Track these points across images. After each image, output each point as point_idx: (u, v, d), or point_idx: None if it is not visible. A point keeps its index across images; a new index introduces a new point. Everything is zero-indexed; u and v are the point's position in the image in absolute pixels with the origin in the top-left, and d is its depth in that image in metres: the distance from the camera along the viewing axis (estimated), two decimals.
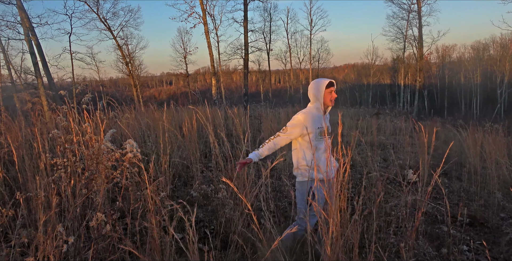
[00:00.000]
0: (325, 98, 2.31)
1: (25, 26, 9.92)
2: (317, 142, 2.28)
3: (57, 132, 2.24)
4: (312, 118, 2.28)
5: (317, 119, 2.30)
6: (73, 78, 19.80)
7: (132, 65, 23.09)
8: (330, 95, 2.31)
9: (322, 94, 2.29)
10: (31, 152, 3.00)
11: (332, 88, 2.31)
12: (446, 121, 14.17)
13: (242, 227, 2.46)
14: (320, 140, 2.29)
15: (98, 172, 2.02)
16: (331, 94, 2.31)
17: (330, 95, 2.31)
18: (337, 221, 1.65)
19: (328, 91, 2.30)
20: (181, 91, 44.95)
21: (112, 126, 4.33)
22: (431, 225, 3.09)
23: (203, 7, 14.76)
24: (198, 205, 3.24)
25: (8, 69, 15.60)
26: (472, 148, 4.50)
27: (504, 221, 3.21)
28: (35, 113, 3.70)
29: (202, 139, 5.52)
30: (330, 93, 2.31)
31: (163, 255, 1.80)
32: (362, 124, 9.03)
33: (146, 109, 7.45)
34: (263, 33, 29.15)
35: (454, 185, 4.26)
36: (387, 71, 37.79)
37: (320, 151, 2.29)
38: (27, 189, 2.59)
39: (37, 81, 10.04)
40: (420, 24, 20.38)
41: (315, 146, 2.26)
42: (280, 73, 48.69)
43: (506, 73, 28.67)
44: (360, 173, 4.66)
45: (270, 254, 1.79)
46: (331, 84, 2.31)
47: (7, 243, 2.04)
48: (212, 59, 15.31)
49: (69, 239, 1.57)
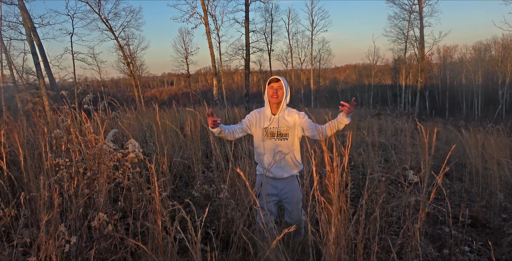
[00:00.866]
0: (267, 94, 2.28)
1: (27, 26, 9.94)
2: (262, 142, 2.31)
3: (59, 131, 2.25)
4: (256, 117, 2.34)
5: (263, 119, 2.32)
6: (74, 79, 19.86)
7: (134, 66, 23.14)
8: (271, 90, 2.25)
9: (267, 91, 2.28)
10: (33, 152, 3.01)
11: (273, 84, 2.24)
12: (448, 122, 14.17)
13: (243, 227, 2.46)
14: (266, 140, 2.29)
15: (100, 172, 2.03)
16: (271, 89, 2.25)
17: (270, 91, 2.25)
18: (339, 221, 1.65)
19: (269, 87, 2.26)
20: (182, 91, 45.02)
21: (114, 126, 4.34)
22: (433, 226, 3.08)
23: (204, 8, 14.79)
24: (200, 205, 3.24)
25: (10, 69, 15.63)
26: (474, 148, 4.49)
27: (506, 222, 3.20)
28: (36, 113, 3.72)
29: (204, 139, 5.52)
30: (270, 89, 2.26)
31: (166, 255, 1.80)
32: (363, 125, 9.03)
33: (147, 109, 7.47)
34: (264, 34, 29.14)
35: (456, 186, 4.26)
36: (388, 72, 37.78)
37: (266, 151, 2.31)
38: (29, 188, 2.60)
39: (39, 82, 10.07)
40: (422, 25, 20.35)
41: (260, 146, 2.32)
42: (281, 73, 48.65)
43: (508, 74, 28.63)
44: (362, 173, 4.65)
45: (271, 254, 1.79)
46: (272, 80, 2.25)
47: (9, 242, 2.04)
48: (213, 60, 15.33)
49: (71, 239, 1.58)
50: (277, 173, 2.29)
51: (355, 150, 6.07)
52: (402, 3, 22.58)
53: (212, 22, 22.22)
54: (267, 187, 2.31)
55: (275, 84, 2.23)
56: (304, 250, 2.24)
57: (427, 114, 23.75)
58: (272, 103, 2.28)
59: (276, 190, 2.33)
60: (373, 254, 1.74)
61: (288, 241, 2.28)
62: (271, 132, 2.27)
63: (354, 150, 6.05)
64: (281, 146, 2.27)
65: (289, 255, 2.02)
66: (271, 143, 2.28)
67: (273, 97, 2.23)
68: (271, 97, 2.23)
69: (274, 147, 2.27)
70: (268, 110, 2.31)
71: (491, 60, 32.92)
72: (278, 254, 1.82)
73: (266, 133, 2.28)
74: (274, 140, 2.27)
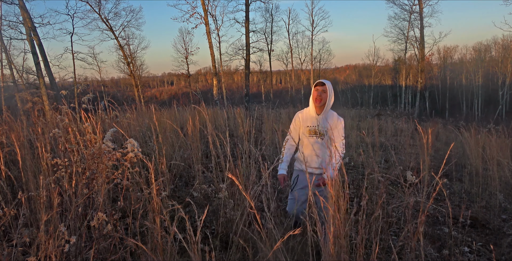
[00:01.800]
0: (312, 96, 2.47)
1: (27, 26, 9.94)
2: (306, 139, 2.54)
3: (58, 131, 2.24)
4: (302, 117, 2.56)
5: (307, 118, 2.54)
6: (74, 78, 19.85)
7: (134, 66, 23.14)
8: (316, 92, 2.44)
9: (312, 93, 2.48)
10: (33, 151, 3.00)
11: (318, 87, 2.42)
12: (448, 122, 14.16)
13: (242, 228, 2.46)
14: (309, 137, 2.51)
15: (99, 172, 2.02)
16: (316, 92, 2.43)
17: (315, 93, 2.44)
18: (338, 221, 1.65)
19: (315, 90, 2.45)
20: (182, 91, 45.02)
21: (113, 126, 4.33)
22: (433, 226, 3.08)
23: (204, 8, 14.80)
24: (199, 205, 3.24)
25: (10, 69, 15.63)
26: (474, 149, 4.49)
27: (505, 222, 3.20)
28: (35, 113, 3.71)
29: (204, 139, 5.52)
30: (316, 92, 2.44)
31: (165, 255, 1.80)
32: (364, 125, 9.02)
33: (147, 109, 7.46)
34: (265, 34, 29.14)
35: (456, 186, 4.25)
36: (389, 72, 37.78)
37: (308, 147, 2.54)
38: (28, 188, 2.59)
39: (39, 81, 10.07)
40: (422, 25, 20.36)
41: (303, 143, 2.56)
42: (281, 74, 48.73)
43: (508, 75, 28.63)
44: (361, 174, 4.65)
45: (272, 254, 1.79)
46: (318, 83, 2.44)
47: (8, 242, 2.04)
48: (213, 60, 15.33)
49: (71, 239, 1.57)
50: (314, 168, 2.51)
51: (355, 150, 6.07)
52: (402, 3, 22.60)
53: (212, 22, 22.25)
54: (303, 180, 2.56)
55: (320, 88, 2.42)
56: (304, 250, 2.24)
57: (427, 115, 23.72)
58: (316, 104, 2.46)
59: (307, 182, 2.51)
60: (374, 255, 1.74)
61: (287, 241, 2.27)
62: (313, 130, 2.50)
63: (354, 150, 6.05)
64: (320, 144, 2.49)
65: (289, 255, 2.02)
66: (312, 140, 2.51)
67: (317, 101, 2.42)
68: (315, 100, 2.43)
69: (314, 144, 2.50)
70: (313, 110, 2.51)
71: (491, 60, 32.91)
72: (278, 254, 1.82)
73: (309, 131, 2.51)
74: (316, 138, 2.50)
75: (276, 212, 2.78)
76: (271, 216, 2.13)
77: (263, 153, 4.98)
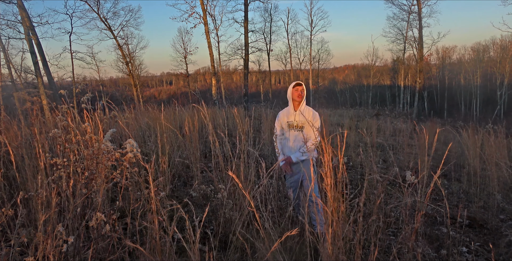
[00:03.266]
0: (293, 95, 2.83)
1: (26, 25, 9.91)
2: (287, 132, 2.94)
3: (57, 131, 2.24)
4: (283, 115, 2.94)
5: (287, 115, 2.91)
6: (73, 78, 19.80)
7: (132, 65, 23.11)
8: (297, 92, 2.82)
9: (289, 93, 2.88)
10: (31, 151, 2.99)
11: (298, 87, 2.82)
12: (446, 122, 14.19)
13: (241, 228, 2.46)
14: (290, 131, 2.90)
15: (98, 172, 2.02)
16: (297, 91, 2.83)
17: (296, 92, 2.82)
18: (335, 221, 1.65)
19: (295, 89, 2.85)
20: (181, 91, 44.99)
21: (112, 126, 4.32)
22: (431, 227, 3.09)
23: (203, 7, 14.78)
24: (198, 205, 3.23)
25: (8, 68, 15.59)
26: (472, 149, 4.50)
27: (503, 222, 3.21)
28: (34, 112, 3.69)
29: (202, 139, 5.52)
30: (296, 91, 2.84)
31: (163, 255, 1.80)
32: (362, 125, 9.03)
33: (146, 109, 7.45)
34: (264, 34, 29.12)
35: (454, 187, 4.26)
36: (387, 72, 37.81)
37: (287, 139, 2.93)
38: (26, 188, 2.59)
39: (37, 81, 10.04)
40: (420, 26, 20.40)
41: (285, 136, 2.95)
42: (280, 73, 48.70)
43: (506, 75, 28.70)
44: (360, 174, 4.65)
45: (270, 254, 1.79)
46: (297, 84, 2.84)
47: (6, 242, 2.03)
48: (212, 59, 15.32)
49: (69, 239, 1.57)
50: (297, 157, 2.83)
51: (353, 150, 6.08)
52: (401, 3, 22.64)
53: (211, 21, 22.22)
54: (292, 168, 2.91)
55: (299, 88, 2.83)
56: (302, 250, 2.24)
57: (425, 115, 23.76)
58: (295, 102, 2.85)
59: (297, 169, 2.88)
60: (373, 255, 1.74)
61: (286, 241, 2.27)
62: (292, 125, 2.88)
63: (353, 150, 6.06)
64: (299, 136, 2.85)
65: (287, 255, 2.02)
66: (292, 132, 2.89)
67: (299, 97, 2.81)
68: (297, 97, 2.81)
69: (295, 137, 2.88)
70: (291, 108, 2.88)
71: (489, 61, 32.96)
72: (276, 255, 1.82)
73: (289, 125, 2.89)
74: (294, 131, 2.88)
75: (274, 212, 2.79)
76: (269, 216, 2.12)
77: (262, 153, 4.98)
